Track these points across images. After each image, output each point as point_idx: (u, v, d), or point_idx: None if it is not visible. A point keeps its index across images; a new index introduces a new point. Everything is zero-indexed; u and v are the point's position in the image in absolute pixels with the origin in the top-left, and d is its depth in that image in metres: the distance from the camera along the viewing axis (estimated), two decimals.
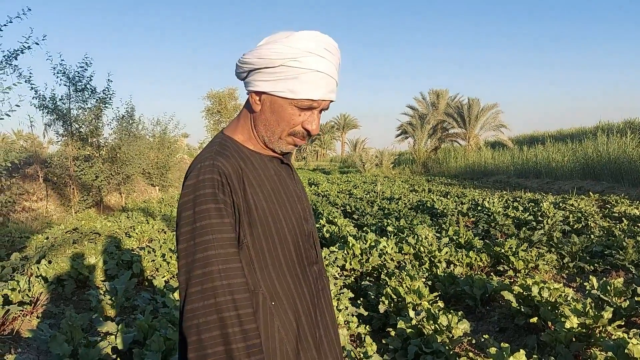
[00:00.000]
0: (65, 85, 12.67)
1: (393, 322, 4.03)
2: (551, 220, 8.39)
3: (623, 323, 3.83)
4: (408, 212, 10.43)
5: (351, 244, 5.82)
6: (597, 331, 3.49)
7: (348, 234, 7.15)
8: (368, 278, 5.42)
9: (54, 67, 12.32)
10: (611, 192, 14.08)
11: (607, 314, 3.46)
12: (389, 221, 8.74)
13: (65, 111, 12.82)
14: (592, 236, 6.97)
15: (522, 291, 4.20)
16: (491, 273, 5.69)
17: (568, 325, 3.43)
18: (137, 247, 8.02)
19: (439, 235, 7.38)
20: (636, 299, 4.10)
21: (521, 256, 5.58)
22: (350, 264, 5.53)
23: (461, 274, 5.44)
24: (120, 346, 3.47)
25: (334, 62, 1.29)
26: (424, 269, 5.41)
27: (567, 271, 5.79)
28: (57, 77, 12.45)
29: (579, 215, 8.96)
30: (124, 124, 15.15)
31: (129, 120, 15.60)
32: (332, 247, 5.99)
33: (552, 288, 4.11)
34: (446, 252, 5.71)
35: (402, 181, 24.17)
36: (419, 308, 3.92)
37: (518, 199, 12.59)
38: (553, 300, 4.00)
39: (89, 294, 4.89)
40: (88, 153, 14.01)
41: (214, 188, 1.20)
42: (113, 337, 3.53)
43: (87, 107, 13.24)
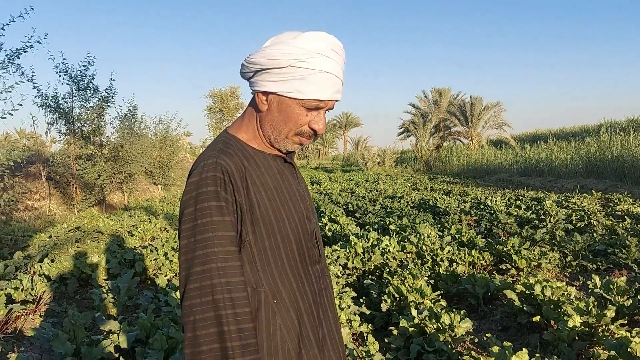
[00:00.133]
0: (67, 84, 12.70)
1: (395, 321, 4.03)
2: (554, 218, 8.37)
3: (626, 322, 3.83)
4: (410, 211, 10.42)
5: (353, 243, 5.82)
6: (600, 330, 3.48)
7: (350, 233, 7.15)
8: (370, 277, 5.42)
9: (56, 66, 12.34)
10: (614, 191, 14.04)
11: (610, 313, 3.45)
12: (391, 220, 8.73)
13: (67, 110, 12.84)
14: (595, 235, 6.95)
15: (525, 290, 4.20)
16: (494, 272, 5.68)
17: (571, 324, 3.42)
18: (140, 246, 8.03)
19: (442, 233, 7.37)
20: (639, 298, 4.09)
21: (524, 255, 5.57)
22: (352, 263, 5.53)
23: (464, 273, 5.43)
24: (123, 345, 3.48)
25: (340, 63, 1.29)
26: (427, 268, 5.41)
27: (570, 270, 5.78)
28: (60, 76, 12.48)
29: (582, 213, 8.93)
30: (126, 123, 15.17)
31: (131, 119, 15.61)
32: (335, 246, 6.00)
33: (555, 287, 4.10)
34: (448, 251, 5.71)
35: (405, 179, 24.15)
36: (422, 307, 3.92)
37: (520, 198, 12.57)
38: (556, 299, 3.99)
39: (92, 293, 4.91)
40: (90, 152, 14.03)
41: (217, 186, 1.20)
42: (116, 336, 3.53)
43: (90, 106, 13.27)
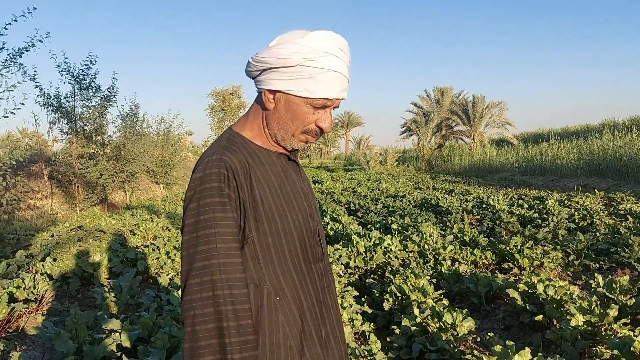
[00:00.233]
0: (69, 83, 12.73)
1: (397, 320, 4.02)
2: (556, 217, 8.35)
3: (629, 321, 3.81)
4: (412, 210, 10.41)
5: (355, 242, 5.82)
6: (603, 329, 3.47)
7: (352, 232, 7.14)
8: (372, 276, 5.41)
9: (59, 65, 12.36)
10: (617, 190, 14.01)
11: (613, 312, 3.44)
12: (393, 219, 8.72)
13: (69, 109, 12.86)
14: (598, 234, 6.93)
15: (527, 289, 4.19)
16: (496, 271, 5.67)
17: (573, 323, 3.41)
18: (142, 245, 8.04)
19: (444, 233, 7.36)
20: None
21: (526, 254, 5.56)
22: (354, 262, 5.52)
23: (466, 272, 5.42)
24: (124, 343, 3.48)
25: (346, 61, 1.30)
26: (429, 267, 5.40)
27: (573, 269, 5.77)
28: (62, 75, 12.51)
29: (585, 212, 8.91)
30: (128, 122, 15.19)
31: (133, 118, 15.63)
32: (337, 245, 5.99)
33: (558, 286, 4.09)
34: (451, 250, 5.70)
35: (407, 179, 24.13)
36: (424, 306, 3.91)
37: (523, 197, 12.55)
38: (558, 298, 3.97)
39: (94, 292, 4.91)
40: (92, 151, 14.05)
41: (220, 182, 1.21)
42: (118, 335, 3.53)
43: (92, 105, 13.28)
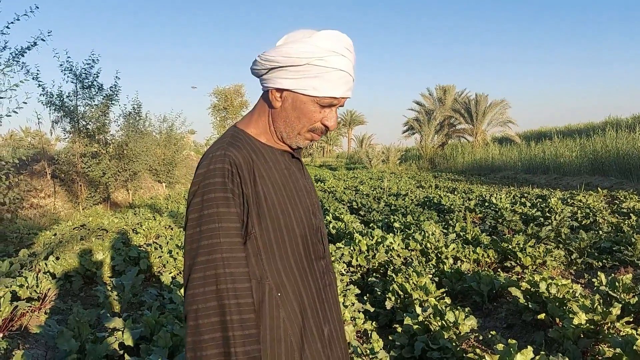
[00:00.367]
0: (72, 82, 12.76)
1: (399, 319, 4.02)
2: (559, 216, 8.33)
3: (632, 319, 3.80)
4: (415, 208, 10.40)
5: (357, 240, 5.81)
6: (606, 327, 3.46)
7: (354, 230, 7.14)
8: (374, 274, 5.41)
9: (61, 64, 12.40)
10: (620, 188, 13.96)
11: (616, 310, 3.43)
12: (396, 217, 8.72)
13: (72, 108, 12.89)
14: (601, 232, 6.91)
15: (530, 287, 4.18)
16: (498, 269, 5.66)
17: (576, 321, 3.40)
18: (144, 244, 8.06)
19: (446, 231, 7.35)
20: None
21: (529, 252, 5.55)
22: (356, 260, 5.52)
23: (468, 270, 5.42)
24: (127, 342, 3.48)
25: (352, 61, 1.32)
26: (431, 265, 5.39)
27: (575, 267, 5.75)
28: (64, 74, 12.54)
29: (587, 211, 8.89)
30: (131, 121, 15.22)
31: (136, 117, 15.66)
32: (339, 244, 5.99)
33: (560, 284, 4.08)
34: (453, 249, 5.69)
35: (409, 177, 24.11)
36: (426, 304, 3.91)
37: (525, 195, 12.52)
38: (561, 296, 3.97)
39: (97, 290, 4.92)
40: (95, 150, 14.08)
41: (224, 177, 1.21)
42: (120, 333, 3.54)
43: (94, 104, 13.31)
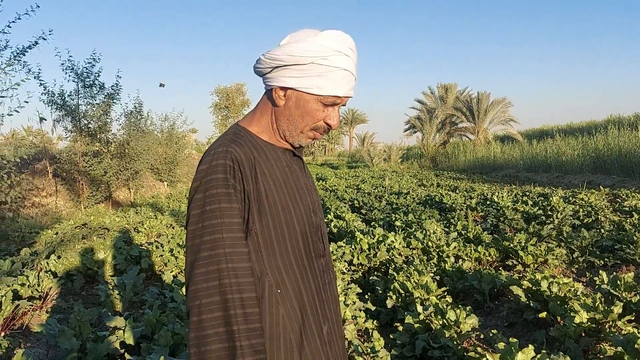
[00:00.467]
0: (73, 81, 12.76)
1: (401, 317, 4.02)
2: (561, 214, 8.32)
3: (633, 318, 3.79)
4: (416, 207, 10.39)
5: (359, 239, 5.81)
6: (607, 326, 3.46)
7: (356, 229, 7.14)
8: (376, 273, 5.40)
9: (62, 63, 12.40)
10: (622, 186, 13.95)
11: (617, 309, 3.42)
12: (397, 216, 8.71)
13: (73, 107, 12.90)
14: (602, 230, 6.90)
15: (531, 286, 4.17)
16: (500, 268, 5.65)
17: (577, 320, 3.40)
18: (146, 243, 8.06)
19: (448, 230, 7.34)
20: None
21: (530, 251, 5.54)
22: (357, 259, 5.51)
23: (470, 269, 5.41)
24: (128, 341, 3.48)
25: (355, 60, 1.33)
26: (432, 264, 5.39)
27: (577, 266, 5.74)
28: (66, 73, 12.54)
29: (589, 209, 8.87)
30: (132, 120, 15.22)
31: (137, 115, 15.66)
32: (340, 242, 5.98)
33: (562, 283, 4.07)
34: (454, 247, 5.68)
35: (411, 176, 24.10)
36: (427, 303, 3.91)
37: (527, 193, 12.50)
38: (562, 295, 3.96)
39: (98, 289, 4.93)
40: (97, 149, 14.09)
41: (226, 173, 1.22)
42: (121, 332, 3.54)
43: (96, 103, 13.32)
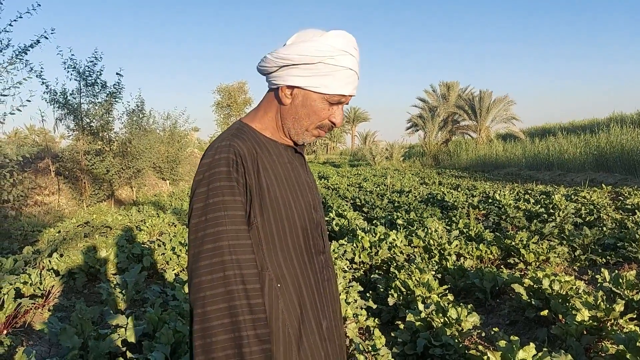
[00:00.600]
0: (75, 79, 12.79)
1: (402, 315, 4.02)
2: (563, 212, 8.31)
3: (635, 316, 3.79)
4: (418, 205, 10.38)
5: (360, 237, 5.81)
6: (609, 324, 3.45)
7: (357, 227, 7.14)
8: (377, 271, 5.40)
9: (64, 62, 12.42)
10: (624, 184, 13.91)
11: (619, 307, 3.42)
12: (399, 214, 8.71)
13: (76, 106, 12.92)
14: (605, 228, 6.89)
15: (533, 284, 4.17)
16: (501, 266, 5.64)
17: (579, 318, 3.39)
18: (148, 241, 8.07)
19: (449, 228, 7.34)
20: None
21: (532, 249, 5.53)
22: (359, 257, 5.52)
23: (471, 267, 5.41)
24: (130, 339, 3.49)
25: (358, 60, 1.36)
26: (434, 262, 5.39)
27: (579, 264, 5.73)
28: (68, 72, 12.56)
29: (591, 207, 8.86)
30: (135, 118, 15.23)
31: (139, 114, 15.67)
32: (342, 240, 5.98)
33: (563, 281, 4.07)
34: (456, 245, 5.68)
35: (413, 174, 24.08)
36: (429, 301, 3.91)
37: (529, 192, 12.49)
38: (564, 293, 3.96)
39: (100, 287, 4.94)
40: (99, 147, 14.10)
41: (229, 166, 1.23)
42: (123, 330, 3.55)
43: (98, 102, 13.33)
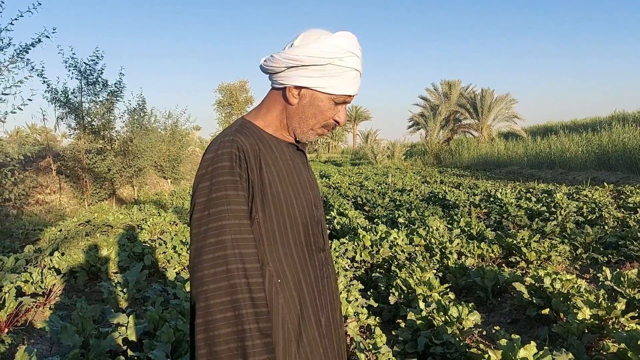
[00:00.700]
0: (76, 78, 12.77)
1: (403, 314, 4.01)
2: (564, 211, 8.30)
3: (637, 314, 3.78)
4: (419, 204, 10.38)
5: (361, 236, 5.80)
6: (610, 322, 3.44)
7: (358, 226, 7.13)
8: (378, 270, 5.40)
9: (66, 61, 12.41)
10: (626, 183, 13.88)
11: (620, 305, 3.41)
12: (400, 213, 8.70)
13: (77, 104, 12.91)
14: (606, 227, 6.87)
15: (534, 282, 4.16)
16: (503, 264, 5.64)
17: (580, 316, 3.38)
18: (149, 240, 8.08)
19: (451, 226, 7.33)
20: None
21: (533, 247, 5.52)
22: (360, 256, 5.51)
23: (472, 266, 5.40)
24: (130, 337, 3.49)
25: (361, 60, 1.38)
26: (435, 261, 5.38)
27: (580, 262, 5.72)
28: (69, 71, 12.56)
29: (593, 206, 8.84)
30: (136, 117, 15.23)
31: (141, 113, 15.67)
32: (343, 239, 5.98)
33: (565, 279, 4.06)
34: (457, 244, 5.67)
35: (414, 173, 24.06)
36: (430, 299, 3.90)
37: (531, 190, 12.47)
38: (565, 291, 3.95)
39: (101, 286, 4.94)
40: (100, 146, 14.11)
41: (232, 161, 1.24)
42: (124, 328, 3.55)
43: (99, 101, 13.33)
